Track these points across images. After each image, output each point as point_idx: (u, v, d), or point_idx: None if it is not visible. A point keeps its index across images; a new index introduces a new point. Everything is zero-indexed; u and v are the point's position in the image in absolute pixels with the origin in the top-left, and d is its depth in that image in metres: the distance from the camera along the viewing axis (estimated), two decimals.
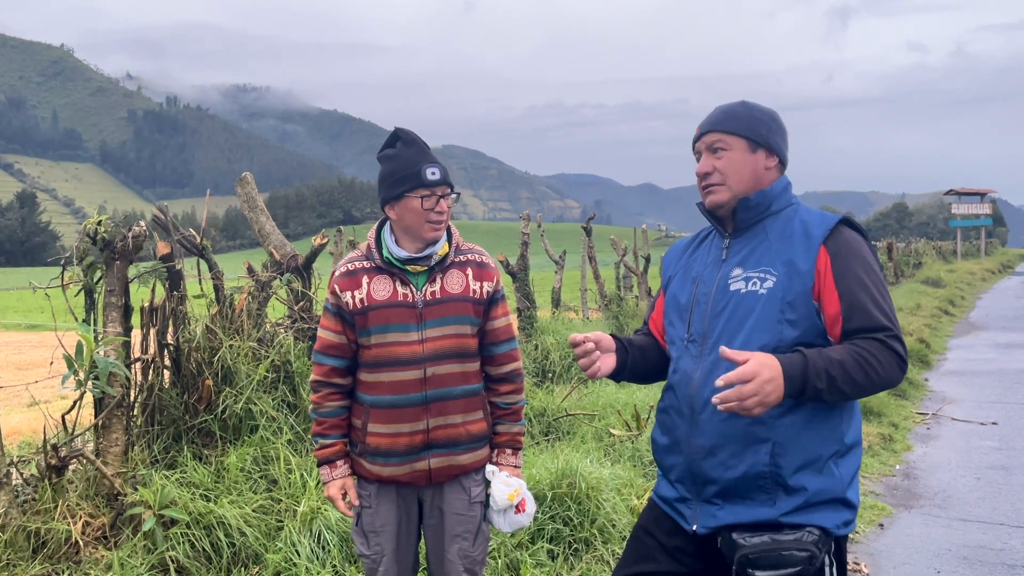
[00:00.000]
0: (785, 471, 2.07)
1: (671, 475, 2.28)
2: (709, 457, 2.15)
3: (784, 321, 2.08)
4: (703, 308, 2.22)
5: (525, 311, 8.36)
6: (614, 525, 4.19)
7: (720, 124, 2.24)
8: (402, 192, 2.52)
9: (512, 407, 2.72)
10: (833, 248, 2.10)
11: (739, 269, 2.19)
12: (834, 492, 2.10)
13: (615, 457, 5.48)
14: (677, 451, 2.24)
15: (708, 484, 2.16)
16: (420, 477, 2.57)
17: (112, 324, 3.98)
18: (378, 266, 2.58)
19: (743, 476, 2.10)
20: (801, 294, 2.08)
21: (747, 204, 2.20)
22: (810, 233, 2.13)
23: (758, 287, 2.12)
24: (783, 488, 2.08)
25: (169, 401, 4.29)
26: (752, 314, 2.11)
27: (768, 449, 2.07)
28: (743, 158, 2.21)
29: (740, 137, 2.21)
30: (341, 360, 2.60)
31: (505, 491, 2.59)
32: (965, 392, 9.47)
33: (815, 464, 2.08)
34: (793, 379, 1.97)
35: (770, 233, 2.19)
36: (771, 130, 2.23)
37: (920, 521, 5.14)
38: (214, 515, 3.71)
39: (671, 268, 2.44)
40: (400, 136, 2.59)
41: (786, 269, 2.11)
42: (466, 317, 2.59)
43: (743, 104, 2.28)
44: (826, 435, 2.10)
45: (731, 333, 2.14)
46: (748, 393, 1.92)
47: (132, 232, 4.02)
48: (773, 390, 1.94)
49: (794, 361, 1.99)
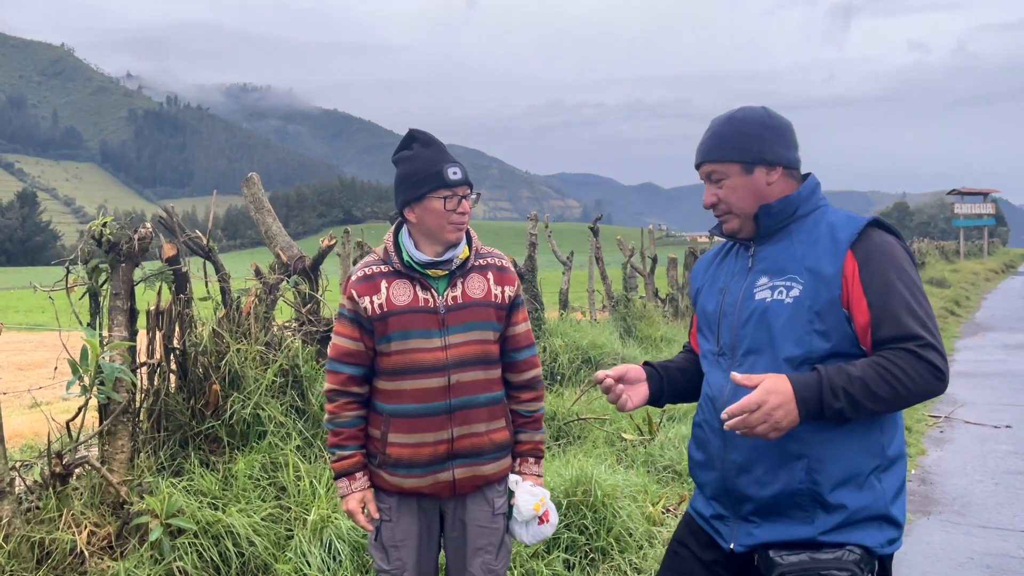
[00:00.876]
0: (823, 488, 1.98)
1: (706, 491, 2.19)
2: (743, 474, 2.06)
3: (814, 332, 1.98)
4: (730, 319, 2.13)
5: (533, 313, 8.26)
6: (631, 534, 4.10)
7: (710, 153, 2.14)
8: (423, 193, 2.42)
9: (534, 415, 2.64)
10: (861, 252, 1.98)
11: (765, 278, 2.09)
12: (877, 509, 2.00)
13: (628, 463, 5.38)
14: (711, 467, 2.15)
15: (744, 502, 2.08)
16: (444, 488, 2.48)
17: (118, 328, 3.89)
18: (397, 270, 2.49)
19: (779, 494, 2.01)
20: (829, 303, 1.97)
21: (769, 211, 2.10)
22: (836, 237, 2.02)
23: (783, 296, 2.03)
24: (821, 505, 1.99)
25: (175, 406, 4.20)
26: (778, 324, 2.02)
27: (803, 466, 1.98)
28: (741, 183, 2.11)
29: (732, 163, 2.11)
30: (358, 368, 2.51)
31: (531, 501, 2.50)
32: (976, 394, 9.38)
33: (855, 480, 1.99)
34: (808, 401, 1.88)
35: (795, 238, 2.09)
36: (764, 143, 2.10)
37: (940, 528, 5.05)
38: (222, 524, 3.61)
39: (698, 280, 2.36)
40: (416, 137, 2.50)
41: (812, 276, 2.00)
42: (489, 323, 2.50)
43: (729, 120, 2.15)
44: (866, 448, 2.00)
45: (759, 345, 2.05)
46: (755, 422, 1.86)
47: (138, 234, 3.92)
48: (784, 415, 1.86)
49: (808, 382, 1.90)
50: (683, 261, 13.99)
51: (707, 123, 2.22)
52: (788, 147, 2.13)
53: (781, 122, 2.14)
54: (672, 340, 10.24)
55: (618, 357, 8.24)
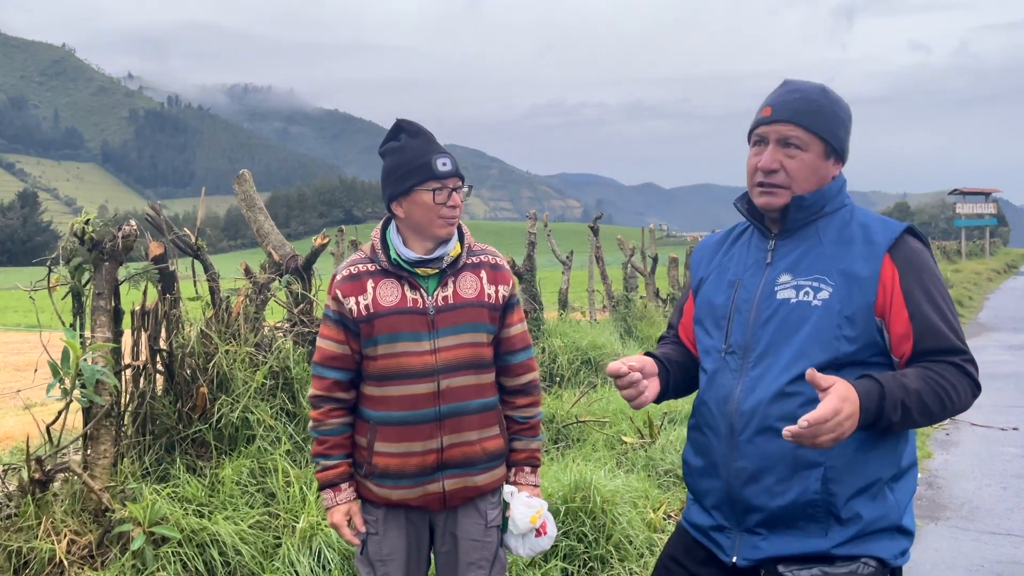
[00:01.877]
0: (839, 498, 1.85)
1: (706, 500, 2.04)
2: (752, 483, 1.91)
3: (842, 337, 1.85)
4: (744, 317, 1.98)
5: (532, 313, 8.14)
6: (631, 541, 3.97)
7: (802, 117, 1.92)
8: (411, 186, 2.30)
9: (530, 421, 2.51)
10: (900, 259, 1.86)
11: (787, 275, 1.94)
12: (890, 519, 1.89)
13: (628, 467, 5.26)
14: (714, 474, 2.00)
15: (751, 512, 1.93)
16: (433, 501, 2.35)
17: (100, 329, 3.76)
18: (384, 269, 2.36)
19: (791, 504, 1.87)
20: (862, 308, 1.84)
21: (801, 203, 1.94)
22: (872, 240, 1.89)
23: (811, 297, 1.88)
24: (835, 517, 1.86)
25: (161, 410, 4.07)
26: (804, 327, 1.88)
27: (819, 475, 1.85)
28: (817, 164, 1.94)
29: (820, 139, 1.93)
30: (344, 373, 2.38)
31: (527, 513, 2.38)
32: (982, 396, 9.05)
33: (870, 489, 1.86)
34: (869, 411, 1.75)
35: (823, 237, 1.95)
36: (848, 135, 1.99)
37: (948, 535, 4.92)
38: (208, 532, 3.49)
39: (702, 269, 2.17)
40: (404, 127, 2.37)
41: (844, 279, 1.87)
42: (481, 324, 2.37)
43: (824, 92, 1.97)
44: (884, 457, 1.88)
45: (779, 347, 1.90)
46: (826, 431, 1.68)
47: (122, 232, 3.80)
48: (851, 427, 1.72)
49: (871, 392, 1.76)
50: (684, 261, 13.86)
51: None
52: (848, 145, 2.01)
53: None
54: None
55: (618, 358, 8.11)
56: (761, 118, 1.98)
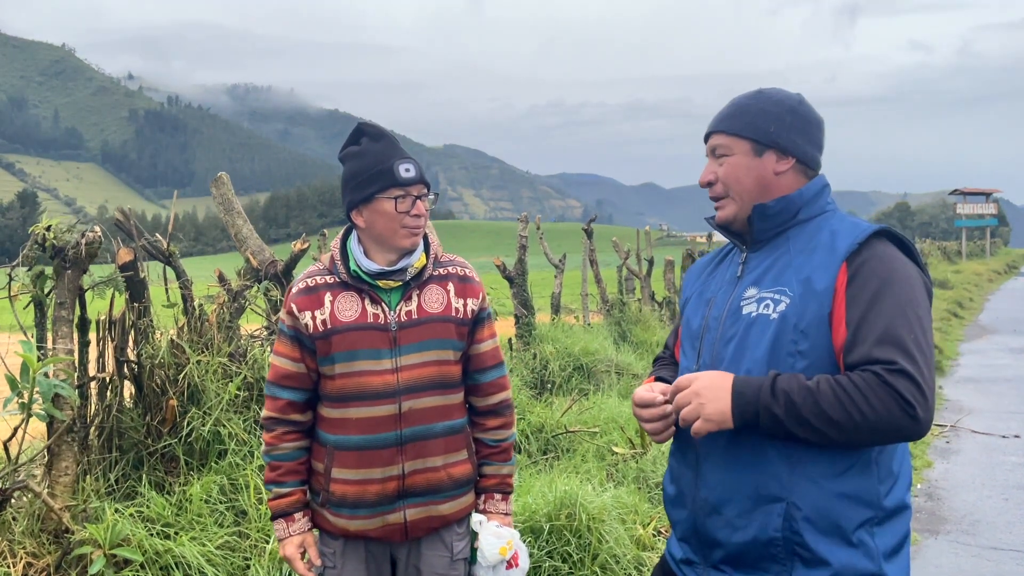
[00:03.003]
0: (803, 538, 1.68)
1: (677, 531, 1.92)
2: (714, 515, 1.78)
3: (796, 353, 1.69)
4: (714, 335, 1.85)
5: (523, 318, 7.97)
6: (617, 561, 3.81)
7: (722, 123, 1.88)
8: (371, 193, 2.14)
9: (501, 444, 2.34)
10: (855, 265, 1.69)
11: (753, 289, 1.81)
12: (864, 568, 1.69)
13: (618, 479, 5.09)
14: (682, 504, 1.88)
15: (714, 547, 1.80)
16: (394, 532, 2.18)
17: (62, 340, 3.59)
18: (343, 281, 2.20)
19: (752, 541, 1.72)
20: (815, 320, 1.69)
21: (764, 212, 1.82)
22: (835, 246, 1.74)
23: (770, 310, 1.74)
24: (800, 559, 1.69)
25: (129, 423, 3.91)
26: (761, 343, 1.73)
27: (781, 510, 1.69)
28: (746, 163, 1.84)
29: (742, 139, 1.84)
30: (299, 392, 2.22)
31: (496, 544, 2.21)
32: (983, 401, 9.08)
33: (841, 532, 1.68)
34: (743, 395, 1.65)
35: (792, 246, 1.80)
36: (783, 126, 1.82)
37: (949, 549, 4.76)
38: (172, 554, 3.32)
39: (688, 289, 2.07)
40: (365, 131, 2.22)
41: (802, 289, 1.72)
42: (448, 340, 2.21)
43: (756, 95, 1.88)
44: (856, 496, 1.69)
45: (736, 365, 1.76)
46: (682, 401, 1.68)
47: (85, 238, 3.64)
48: (710, 401, 1.66)
49: (751, 380, 1.66)
50: (680, 263, 13.70)
51: (708, 122, 1.95)
52: (809, 141, 1.85)
53: (811, 113, 1.87)
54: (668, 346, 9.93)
55: (612, 364, 7.94)
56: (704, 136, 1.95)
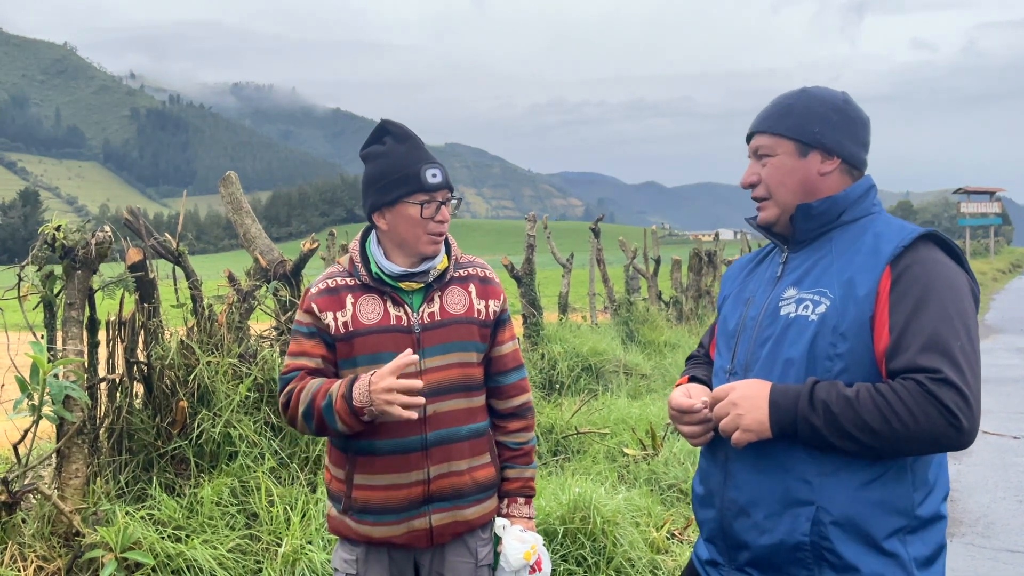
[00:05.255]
0: (833, 543, 1.64)
1: (704, 532, 1.89)
2: (742, 516, 1.75)
3: (834, 356, 1.65)
4: (750, 335, 1.82)
5: (531, 318, 7.93)
6: (632, 564, 3.77)
7: (765, 123, 1.84)
8: (397, 197, 2.09)
9: (523, 447, 2.31)
10: (899, 269, 1.65)
11: (793, 289, 1.77)
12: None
13: (630, 481, 5.05)
14: (710, 504, 1.85)
15: (741, 549, 1.77)
16: (419, 538, 2.14)
17: (72, 340, 3.56)
18: (364, 284, 2.15)
19: (779, 544, 1.69)
20: (856, 324, 1.65)
21: (808, 212, 1.78)
22: (879, 249, 1.70)
23: (809, 311, 1.70)
24: (829, 564, 1.66)
25: (139, 425, 3.87)
26: (798, 344, 1.70)
27: (810, 514, 1.65)
28: (791, 165, 1.80)
29: (787, 139, 1.80)
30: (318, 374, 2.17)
31: (520, 549, 2.17)
32: (992, 402, 9.01)
33: (871, 539, 1.64)
34: (779, 405, 1.62)
35: (835, 247, 1.76)
36: (829, 125, 1.78)
37: (964, 552, 4.71)
38: (184, 557, 3.29)
39: (727, 287, 2.04)
40: (389, 130, 2.16)
41: (843, 291, 1.68)
42: (471, 343, 2.17)
43: (800, 94, 1.85)
44: (889, 503, 1.65)
45: (771, 366, 1.73)
46: (720, 412, 1.66)
47: (95, 239, 3.60)
48: (747, 411, 1.64)
49: (789, 388, 1.63)
50: (687, 262, 13.65)
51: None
52: (855, 141, 1.81)
53: (857, 112, 1.83)
54: (676, 345, 9.89)
55: (620, 364, 7.90)
56: (746, 137, 1.91)
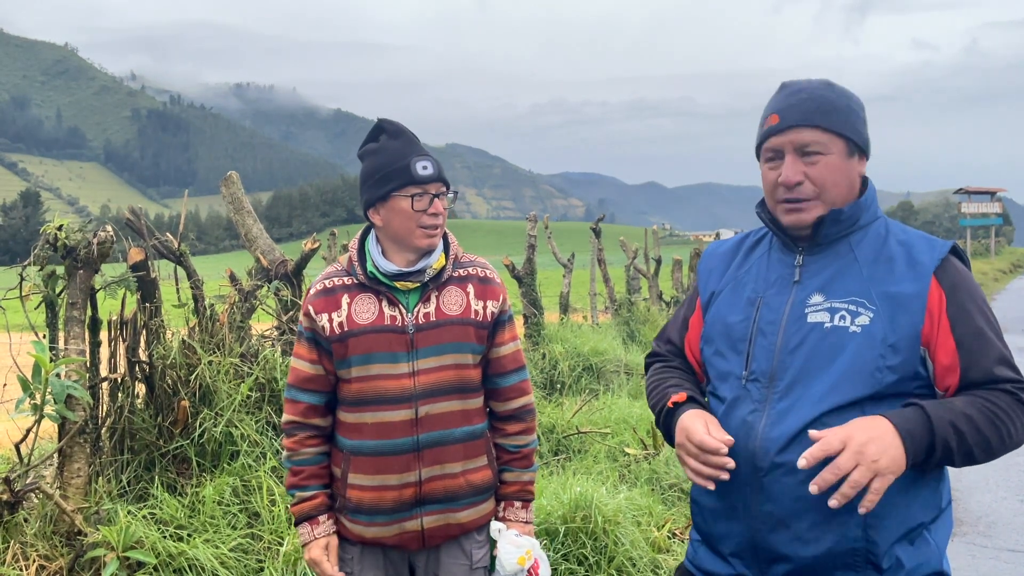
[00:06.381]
0: (881, 545, 1.64)
1: (724, 546, 1.81)
2: (780, 528, 1.69)
3: (884, 368, 1.64)
4: (770, 340, 1.75)
5: (532, 318, 7.94)
6: (634, 564, 3.77)
7: (815, 116, 1.71)
8: (388, 191, 2.10)
9: (522, 450, 2.29)
10: (947, 283, 1.67)
11: (819, 296, 1.73)
12: (931, 566, 1.69)
13: (631, 480, 5.05)
14: (733, 517, 1.77)
15: (777, 562, 1.72)
16: (411, 540, 2.14)
17: (74, 340, 3.56)
18: (360, 283, 2.16)
19: (827, 553, 1.66)
20: (908, 336, 1.64)
21: (838, 217, 1.73)
22: (916, 259, 1.69)
23: (848, 322, 1.67)
24: (874, 566, 1.65)
25: (141, 425, 3.88)
26: (841, 356, 1.67)
27: (859, 520, 1.63)
28: (844, 165, 1.73)
29: (840, 137, 1.72)
30: (319, 396, 2.19)
31: (514, 554, 2.16)
32: None
33: (911, 534, 1.67)
34: (913, 435, 1.55)
35: (859, 254, 1.74)
36: (864, 126, 1.77)
37: (965, 552, 4.71)
38: (186, 556, 3.29)
39: (714, 282, 1.92)
40: (384, 128, 2.17)
41: (887, 304, 1.66)
42: (467, 344, 2.16)
43: (831, 87, 1.76)
44: (926, 498, 1.68)
45: (811, 377, 1.68)
46: (846, 466, 1.50)
47: (97, 238, 3.60)
48: (881, 453, 1.52)
49: (906, 413, 1.57)
50: (688, 262, 13.66)
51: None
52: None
53: None
54: None
55: (621, 364, 7.90)
56: (769, 128, 1.75)
